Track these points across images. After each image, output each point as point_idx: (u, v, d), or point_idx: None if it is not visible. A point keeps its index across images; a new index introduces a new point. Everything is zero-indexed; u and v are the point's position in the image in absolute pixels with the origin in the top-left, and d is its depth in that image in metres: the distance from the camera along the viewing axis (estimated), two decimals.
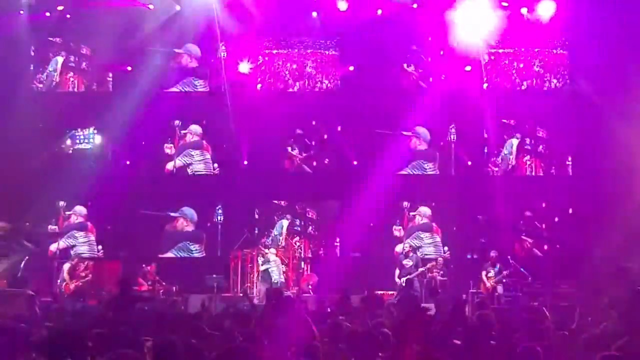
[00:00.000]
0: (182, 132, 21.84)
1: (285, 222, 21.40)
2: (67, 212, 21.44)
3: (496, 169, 21.28)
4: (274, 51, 21.90)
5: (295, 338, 7.47)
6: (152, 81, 21.36)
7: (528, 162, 21.39)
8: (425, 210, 21.13)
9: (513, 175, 21.25)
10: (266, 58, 21.90)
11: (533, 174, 21.32)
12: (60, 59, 22.09)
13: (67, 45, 22.07)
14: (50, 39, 21.98)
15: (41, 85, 22.09)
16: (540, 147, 21.36)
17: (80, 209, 21.49)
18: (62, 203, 21.44)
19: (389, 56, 21.25)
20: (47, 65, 22.08)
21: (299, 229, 21.52)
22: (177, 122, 21.89)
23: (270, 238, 21.13)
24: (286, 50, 21.92)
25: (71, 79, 22.19)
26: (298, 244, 21.39)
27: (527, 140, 21.40)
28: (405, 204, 21.18)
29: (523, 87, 21.48)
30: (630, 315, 8.71)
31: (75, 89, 22.14)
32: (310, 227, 21.54)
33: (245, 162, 21.44)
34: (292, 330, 7.96)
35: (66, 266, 19.18)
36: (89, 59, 22.00)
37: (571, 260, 19.31)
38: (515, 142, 21.35)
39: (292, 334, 7.77)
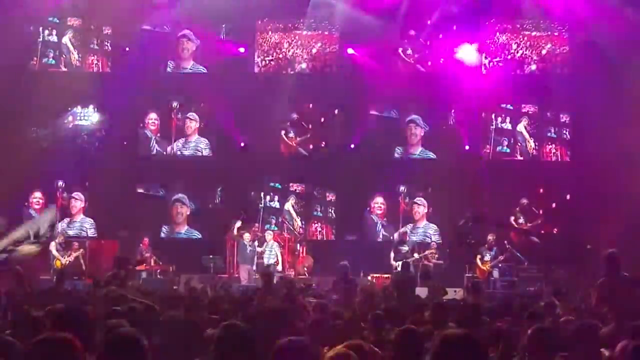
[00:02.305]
0: (182, 115, 21.86)
1: (289, 205, 21.42)
2: (68, 195, 21.49)
3: (521, 157, 21.24)
4: (276, 33, 21.93)
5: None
6: (150, 62, 21.42)
7: (553, 151, 21.34)
8: (424, 200, 21.15)
9: (510, 160, 21.23)
10: (262, 39, 21.89)
11: (560, 159, 21.24)
12: (67, 39, 22.17)
13: (88, 27, 22.09)
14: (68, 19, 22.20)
15: (65, 68, 22.19)
16: (566, 132, 21.32)
17: (80, 195, 21.64)
18: (60, 183, 21.46)
19: (387, 40, 21.16)
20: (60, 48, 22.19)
21: (320, 214, 21.51)
22: (175, 103, 21.85)
23: (285, 227, 21.10)
24: (284, 33, 21.87)
25: (94, 61, 22.23)
26: (320, 229, 21.42)
27: (553, 130, 21.32)
28: (402, 188, 21.18)
29: (526, 71, 21.42)
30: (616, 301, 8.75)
31: (100, 70, 22.22)
32: (331, 211, 21.52)
33: (242, 144, 21.42)
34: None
35: (52, 245, 19.16)
36: (111, 39, 22.06)
37: (568, 246, 19.34)
38: (522, 127, 21.32)
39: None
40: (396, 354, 5.64)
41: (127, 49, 21.64)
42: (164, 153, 21.94)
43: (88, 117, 22.23)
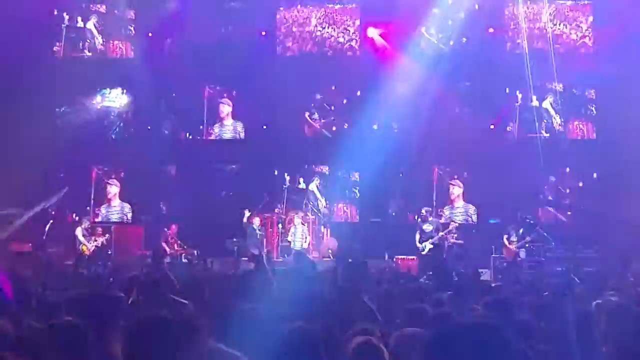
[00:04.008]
0: (220, 100, 21.95)
1: (313, 185, 21.44)
2: (106, 181, 21.78)
3: (547, 134, 20.98)
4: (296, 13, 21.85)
5: None
6: (175, 46, 21.50)
7: (580, 127, 21.05)
8: (458, 182, 21.06)
9: (536, 138, 20.96)
10: (284, 21, 21.81)
11: (586, 137, 20.97)
12: (91, 24, 22.27)
13: (112, 12, 22.17)
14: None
15: (89, 53, 22.30)
16: (592, 107, 21.00)
17: (114, 181, 21.85)
18: (97, 167, 21.80)
19: (409, 19, 20.95)
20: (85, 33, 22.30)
21: (347, 192, 21.46)
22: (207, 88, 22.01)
23: (310, 207, 21.13)
24: (307, 14, 21.76)
25: (119, 46, 22.31)
26: (345, 210, 21.42)
27: (579, 106, 21.01)
28: (437, 168, 21.09)
29: (550, 46, 21.08)
30: None
31: (124, 55, 22.27)
32: (355, 191, 21.47)
33: (265, 127, 21.40)
34: None
35: (78, 230, 19.29)
36: (135, 24, 22.14)
37: (595, 226, 19.12)
38: (547, 104, 21.07)
39: None
40: None
41: (150, 34, 21.67)
42: (191, 137, 22.01)
43: (116, 99, 22.38)
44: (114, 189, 21.79)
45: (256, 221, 19.47)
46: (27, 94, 20.28)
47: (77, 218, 20.09)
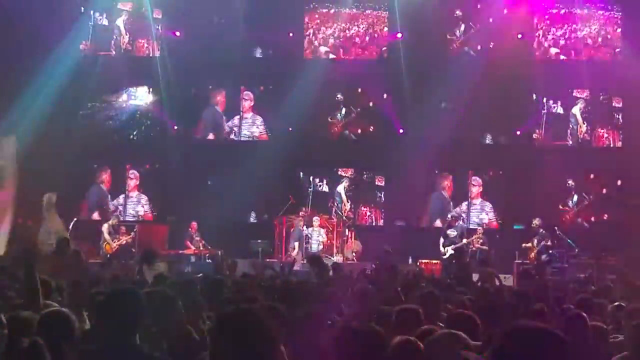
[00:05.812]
0: (242, 96, 22.11)
1: (341, 187, 21.48)
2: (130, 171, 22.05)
3: (571, 142, 20.94)
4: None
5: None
6: (199, 46, 21.57)
7: (606, 135, 20.94)
8: (479, 180, 21.05)
9: (561, 144, 20.91)
10: (311, 23, 21.90)
11: (612, 145, 20.85)
12: (120, 21, 22.45)
13: (139, 10, 22.30)
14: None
15: (115, 52, 22.49)
16: (618, 116, 20.84)
17: (135, 173, 22.09)
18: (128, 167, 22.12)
19: (437, 24, 20.96)
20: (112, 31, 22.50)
21: (380, 195, 21.50)
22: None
23: (334, 209, 21.19)
24: (334, 16, 21.82)
25: (145, 45, 22.45)
26: (369, 214, 21.43)
27: (605, 114, 20.90)
28: (460, 171, 21.17)
29: (577, 53, 21.05)
30: None
31: (151, 54, 22.40)
32: (381, 195, 21.50)
33: (290, 129, 21.44)
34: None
35: (105, 227, 19.39)
36: (162, 23, 22.27)
37: (619, 233, 19.04)
38: (577, 110, 20.98)
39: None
40: None
41: (178, 33, 21.81)
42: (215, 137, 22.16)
43: (142, 97, 22.54)
44: (133, 182, 22.03)
45: (299, 223, 19.47)
46: (54, 92, 20.46)
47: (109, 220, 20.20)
